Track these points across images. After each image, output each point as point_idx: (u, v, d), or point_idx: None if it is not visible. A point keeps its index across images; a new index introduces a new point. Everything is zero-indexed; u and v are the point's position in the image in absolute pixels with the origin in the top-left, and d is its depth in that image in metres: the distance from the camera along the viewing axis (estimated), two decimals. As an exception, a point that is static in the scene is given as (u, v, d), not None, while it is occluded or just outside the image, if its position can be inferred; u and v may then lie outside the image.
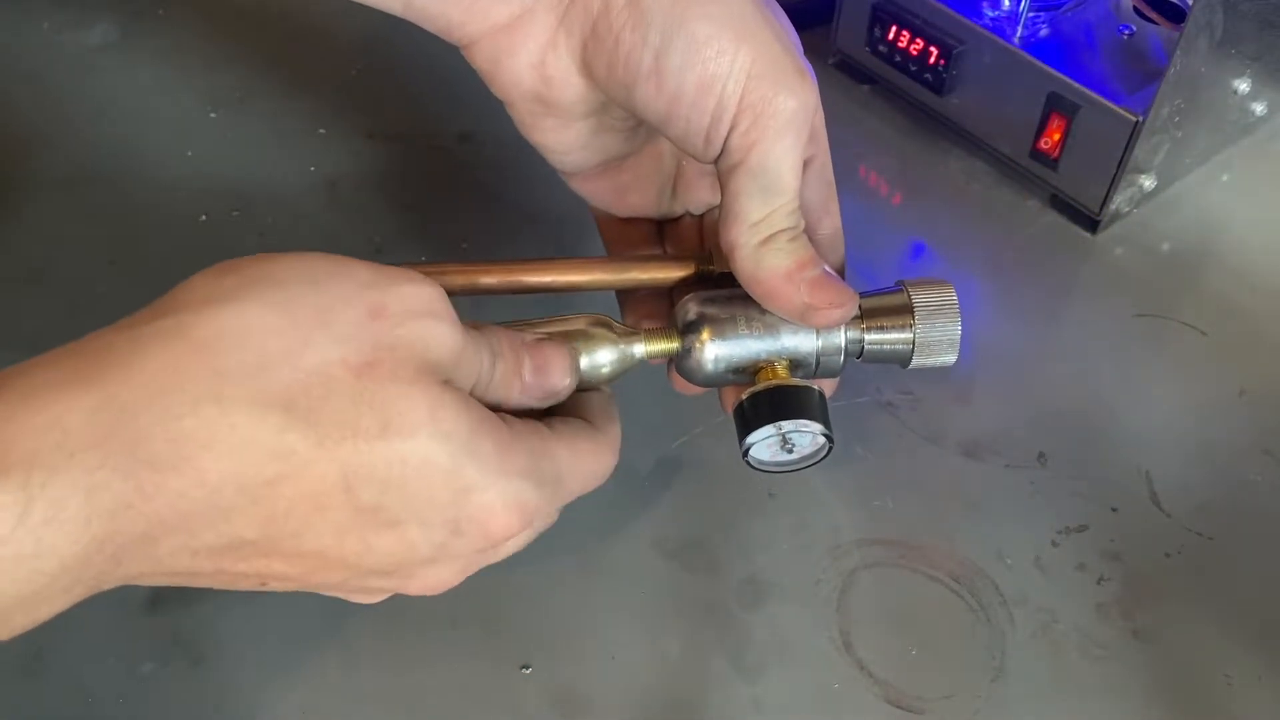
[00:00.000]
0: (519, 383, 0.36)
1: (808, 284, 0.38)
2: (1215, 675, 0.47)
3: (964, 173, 0.66)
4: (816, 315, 0.38)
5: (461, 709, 0.45)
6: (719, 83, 0.36)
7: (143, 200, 0.62)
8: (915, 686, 0.46)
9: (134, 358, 0.28)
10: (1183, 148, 0.63)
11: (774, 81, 0.36)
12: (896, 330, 0.41)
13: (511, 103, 0.41)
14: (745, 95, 0.36)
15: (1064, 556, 0.50)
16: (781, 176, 0.37)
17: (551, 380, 0.36)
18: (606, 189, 0.45)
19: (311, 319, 0.30)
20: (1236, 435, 0.55)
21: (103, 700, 0.45)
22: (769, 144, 0.36)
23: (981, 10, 0.63)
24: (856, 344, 0.41)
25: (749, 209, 0.37)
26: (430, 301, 0.32)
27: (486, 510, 0.32)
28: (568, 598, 0.48)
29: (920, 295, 0.41)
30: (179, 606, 0.47)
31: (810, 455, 0.40)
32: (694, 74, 0.36)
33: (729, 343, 0.39)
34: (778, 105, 0.36)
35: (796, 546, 0.50)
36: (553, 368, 0.36)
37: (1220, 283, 0.62)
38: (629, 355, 0.39)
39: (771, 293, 0.38)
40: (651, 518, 0.51)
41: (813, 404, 0.38)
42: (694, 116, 0.37)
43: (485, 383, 0.35)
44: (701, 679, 0.46)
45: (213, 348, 0.28)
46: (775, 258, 0.38)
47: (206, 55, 0.69)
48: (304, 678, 0.46)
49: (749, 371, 0.40)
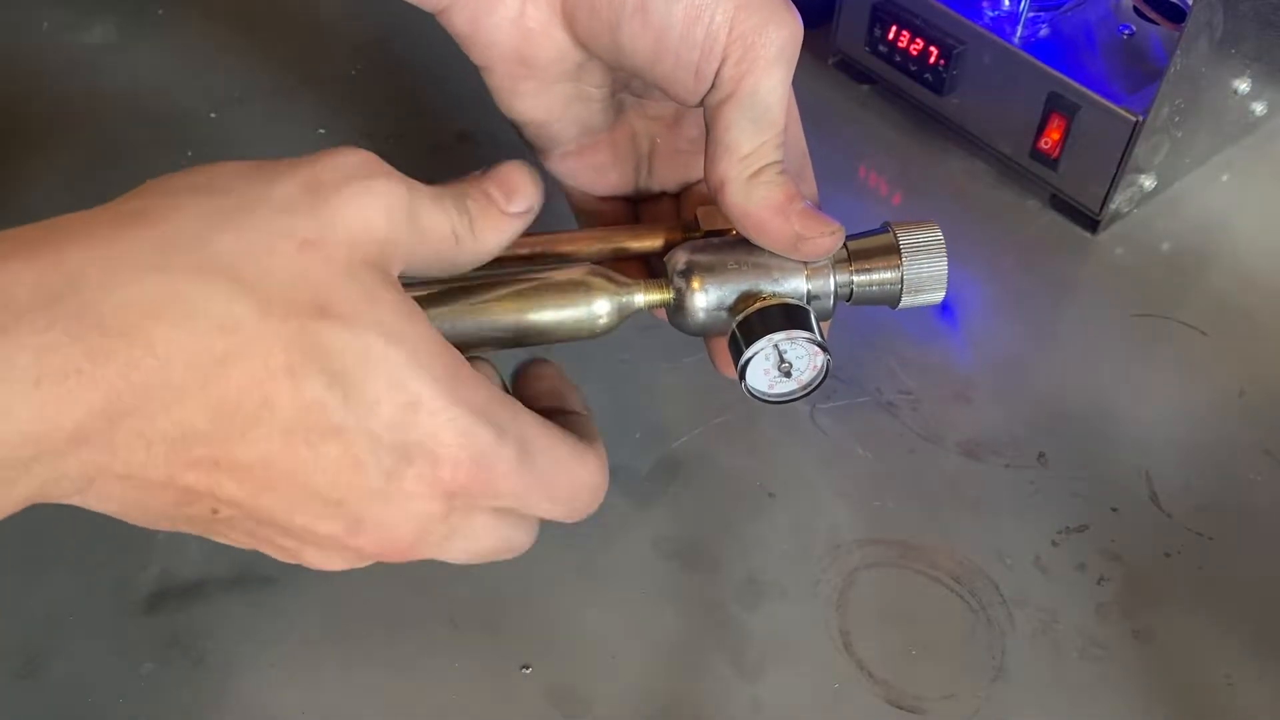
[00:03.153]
0: (497, 208, 0.35)
1: (797, 215, 0.38)
2: (1215, 675, 0.47)
3: (964, 173, 0.66)
4: (807, 244, 0.38)
5: (461, 709, 0.45)
6: (706, 12, 0.36)
7: (143, 200, 0.62)
8: (915, 686, 0.46)
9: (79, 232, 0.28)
10: (1183, 148, 0.63)
11: (762, 11, 0.36)
12: (884, 270, 0.41)
13: (490, 66, 0.41)
14: (735, 25, 0.36)
15: (1064, 556, 0.50)
16: (772, 107, 0.37)
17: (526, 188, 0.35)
18: (584, 167, 0.45)
19: (254, 194, 0.29)
20: (1236, 435, 0.55)
21: (103, 700, 0.45)
22: (760, 73, 0.36)
23: (981, 10, 0.63)
24: (845, 286, 0.41)
25: (740, 141, 0.37)
26: (365, 163, 0.31)
27: (434, 438, 0.30)
28: (568, 598, 0.48)
29: (906, 234, 0.41)
30: (179, 606, 0.47)
31: (811, 380, 0.40)
32: (681, 5, 0.36)
33: (719, 284, 0.39)
34: (769, 35, 0.36)
35: (796, 546, 0.50)
36: (517, 180, 0.35)
37: (1220, 283, 0.62)
38: (628, 304, 0.39)
39: (762, 224, 0.38)
40: (651, 518, 0.51)
41: (807, 318, 0.39)
42: (683, 50, 0.37)
43: (465, 230, 0.33)
44: (701, 679, 0.46)
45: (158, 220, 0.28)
46: (765, 190, 0.38)
47: (206, 55, 0.69)
48: (304, 678, 0.46)
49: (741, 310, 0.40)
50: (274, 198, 0.29)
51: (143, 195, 0.30)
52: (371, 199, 0.31)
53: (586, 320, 0.38)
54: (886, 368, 0.56)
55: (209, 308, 0.28)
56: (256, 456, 0.29)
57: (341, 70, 0.69)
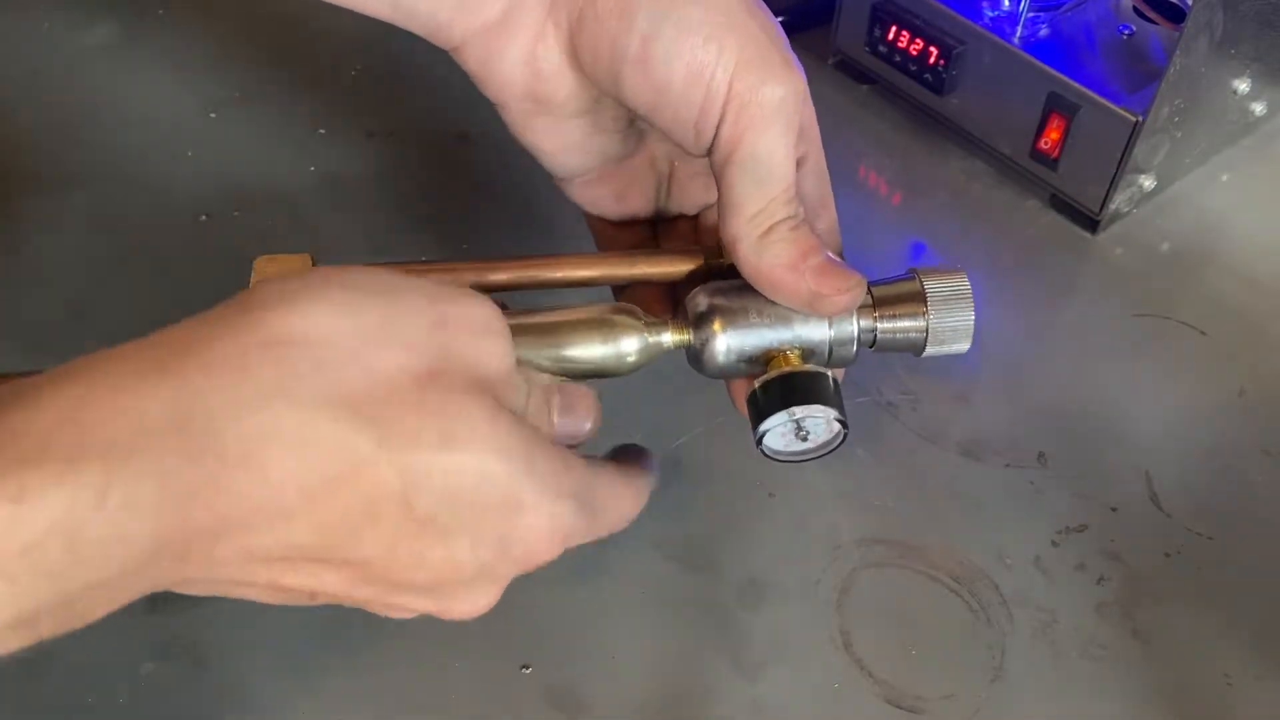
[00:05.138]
0: (546, 422, 0.36)
1: (812, 271, 0.38)
2: (1215, 675, 0.47)
3: (964, 173, 0.66)
4: (824, 303, 0.38)
5: (461, 709, 0.45)
6: (707, 71, 0.36)
7: (143, 200, 0.62)
8: (915, 686, 0.46)
9: (209, 352, 0.28)
10: (1183, 148, 0.63)
11: (761, 71, 0.36)
12: (909, 318, 0.40)
13: (504, 104, 0.41)
14: (733, 85, 0.36)
15: (1064, 556, 0.50)
16: (774, 165, 0.37)
17: (577, 421, 0.36)
18: (603, 194, 0.45)
19: (377, 324, 0.30)
20: (1236, 435, 0.55)
21: (103, 700, 0.45)
22: (758, 133, 0.36)
23: (981, 10, 0.63)
24: (869, 332, 0.40)
25: (746, 201, 0.37)
26: (490, 320, 0.33)
27: (534, 531, 0.33)
28: (568, 598, 0.48)
29: (933, 283, 0.40)
30: (179, 607, 0.47)
31: (825, 443, 0.40)
32: (681, 62, 0.36)
33: (740, 333, 0.39)
34: (765, 94, 0.36)
35: (796, 546, 0.50)
36: (578, 409, 0.36)
37: (1220, 283, 0.62)
38: (656, 344, 0.39)
39: (777, 284, 0.38)
40: (651, 518, 0.51)
41: (827, 389, 0.38)
42: (682, 108, 0.37)
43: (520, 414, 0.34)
44: (701, 679, 0.46)
45: (283, 346, 0.29)
46: (777, 248, 0.37)
47: (206, 55, 0.69)
48: (304, 678, 0.46)
49: (761, 361, 0.40)
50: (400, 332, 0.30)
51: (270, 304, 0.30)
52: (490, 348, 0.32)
53: (615, 360, 0.39)
54: (886, 368, 0.56)
55: (326, 437, 0.29)
56: (360, 558, 0.30)
57: (341, 70, 0.69)
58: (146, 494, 0.26)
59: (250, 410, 0.28)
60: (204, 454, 0.27)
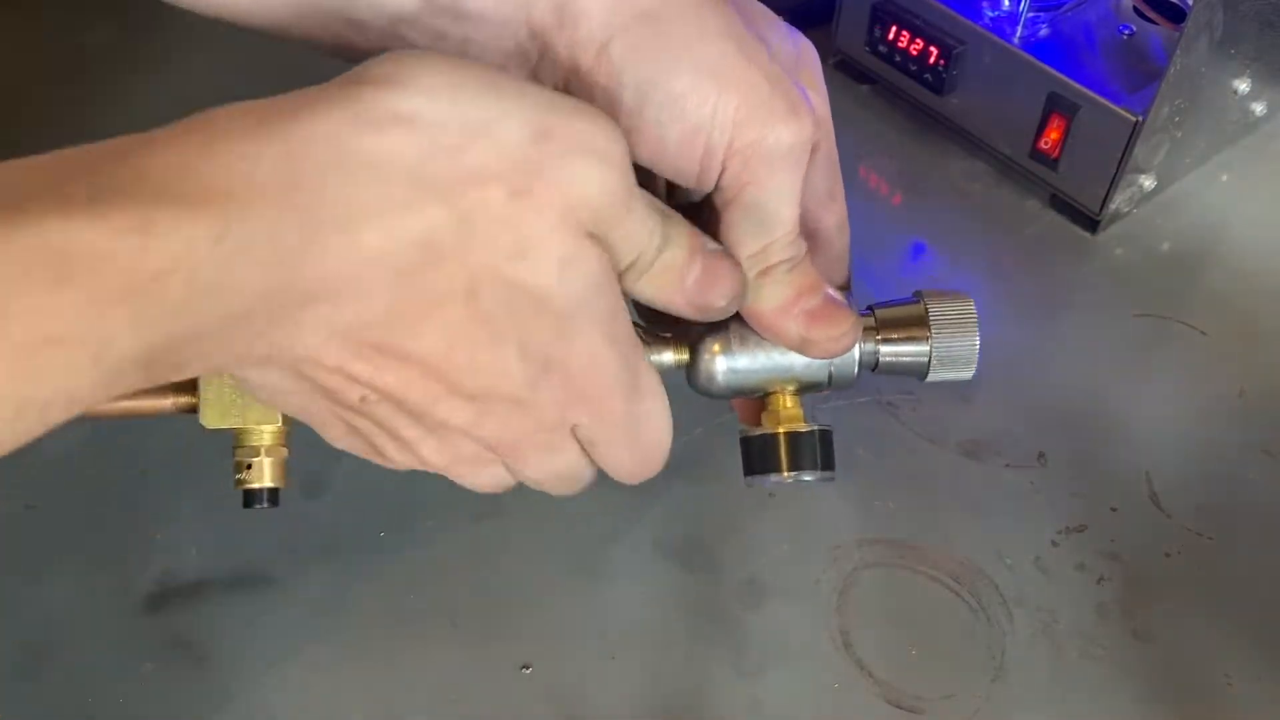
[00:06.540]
0: (679, 283, 0.35)
1: (805, 316, 0.37)
2: (1215, 675, 0.47)
3: (964, 173, 0.66)
4: (814, 348, 0.38)
5: (461, 709, 0.45)
6: (703, 132, 0.35)
7: (143, 200, 0.62)
8: (915, 686, 0.46)
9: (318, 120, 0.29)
10: (1183, 148, 0.63)
11: (763, 122, 0.35)
12: (912, 343, 0.40)
13: None
14: (733, 142, 0.35)
15: (1064, 556, 0.50)
16: (776, 213, 0.36)
17: (713, 295, 0.35)
18: None
19: (479, 123, 0.30)
20: (1236, 435, 0.55)
21: (103, 700, 0.45)
22: (761, 184, 0.35)
23: (981, 10, 0.63)
24: (871, 356, 0.40)
25: (744, 242, 0.36)
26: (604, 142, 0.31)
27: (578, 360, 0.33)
28: (568, 598, 0.48)
29: (937, 308, 0.40)
30: (179, 607, 0.47)
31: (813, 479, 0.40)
32: (676, 128, 0.35)
33: (739, 359, 0.39)
34: (768, 146, 0.35)
35: (796, 546, 0.50)
36: (721, 282, 0.35)
37: (1220, 283, 0.62)
38: (657, 363, 0.39)
39: (767, 326, 0.38)
40: (651, 518, 0.51)
41: (817, 452, 0.39)
42: (682, 165, 0.36)
43: (645, 264, 0.34)
44: (701, 679, 0.46)
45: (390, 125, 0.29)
46: (770, 290, 0.37)
47: (206, 55, 0.69)
48: (304, 677, 0.46)
49: (759, 392, 0.39)
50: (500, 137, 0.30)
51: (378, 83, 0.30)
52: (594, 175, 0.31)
53: None
54: (886, 368, 0.56)
55: (417, 224, 0.29)
56: (419, 351, 0.31)
57: (342, 70, 0.69)
58: (258, 243, 0.28)
59: (353, 183, 0.29)
60: (309, 216, 0.28)
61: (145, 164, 0.27)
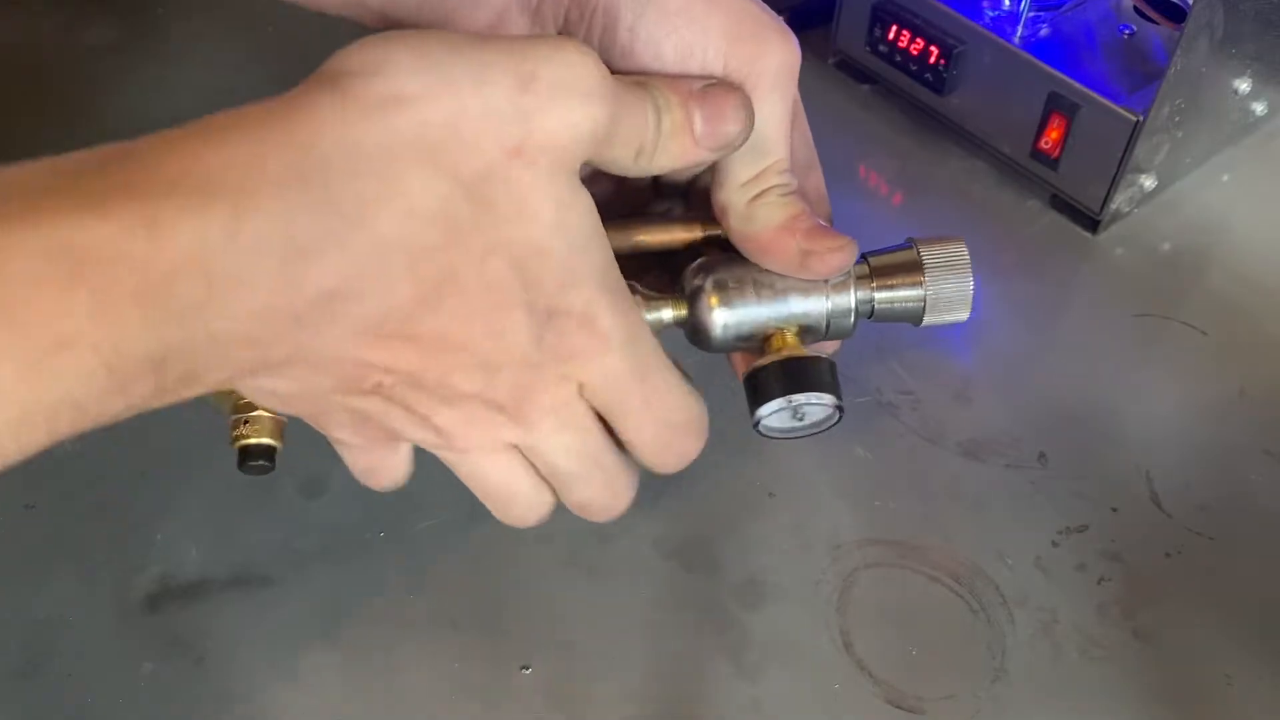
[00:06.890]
0: (690, 137, 0.35)
1: (803, 232, 0.37)
2: (1215, 675, 0.47)
3: (964, 173, 0.66)
4: (816, 260, 0.37)
5: (462, 709, 0.45)
6: (696, 50, 0.36)
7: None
8: (915, 686, 0.46)
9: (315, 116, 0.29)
10: (1183, 148, 0.63)
11: (755, 43, 0.36)
12: (907, 288, 0.40)
13: None
14: (727, 60, 0.36)
15: (1064, 556, 0.50)
16: (769, 136, 0.37)
17: (726, 126, 0.35)
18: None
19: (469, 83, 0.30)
20: (1236, 435, 0.55)
21: (103, 700, 0.45)
22: (755, 104, 0.36)
23: (982, 10, 0.63)
24: (867, 303, 0.40)
25: (738, 170, 0.37)
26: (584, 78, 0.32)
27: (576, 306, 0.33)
28: (568, 598, 0.48)
29: (930, 251, 0.40)
30: (179, 606, 0.47)
31: (821, 422, 0.40)
32: (669, 45, 0.36)
33: (737, 309, 0.39)
34: (761, 65, 0.36)
35: (796, 546, 0.50)
36: (726, 112, 0.35)
37: (1220, 283, 0.62)
38: (657, 321, 0.39)
39: (766, 247, 0.38)
40: (651, 518, 0.51)
41: (824, 375, 0.38)
42: None
43: (653, 144, 0.34)
44: (701, 679, 0.46)
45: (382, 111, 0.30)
46: (767, 211, 0.37)
47: (206, 55, 0.69)
48: (303, 678, 0.46)
49: (758, 338, 0.39)
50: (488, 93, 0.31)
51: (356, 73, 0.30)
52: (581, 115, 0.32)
53: None
54: (887, 368, 0.56)
55: (430, 205, 0.30)
56: (438, 328, 0.31)
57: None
58: (275, 238, 0.28)
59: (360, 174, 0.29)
60: (322, 210, 0.28)
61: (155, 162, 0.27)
